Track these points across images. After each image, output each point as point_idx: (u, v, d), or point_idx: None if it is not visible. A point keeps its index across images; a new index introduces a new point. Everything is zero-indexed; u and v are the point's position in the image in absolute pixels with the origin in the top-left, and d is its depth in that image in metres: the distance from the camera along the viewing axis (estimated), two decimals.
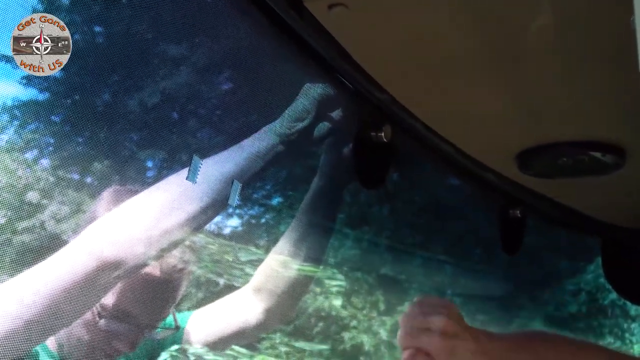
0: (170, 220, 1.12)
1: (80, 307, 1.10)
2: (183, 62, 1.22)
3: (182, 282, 1.32)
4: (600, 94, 1.26)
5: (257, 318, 1.54)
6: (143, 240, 1.11)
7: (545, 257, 3.69)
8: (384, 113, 1.36)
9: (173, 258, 1.26)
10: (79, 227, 1.24)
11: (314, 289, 3.06)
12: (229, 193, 1.15)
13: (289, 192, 2.50)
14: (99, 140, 1.15)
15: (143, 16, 1.09)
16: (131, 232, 1.12)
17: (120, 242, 1.10)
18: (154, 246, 1.12)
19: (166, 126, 1.25)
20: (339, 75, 1.26)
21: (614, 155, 1.43)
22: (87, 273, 1.06)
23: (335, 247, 3.25)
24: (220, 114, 1.32)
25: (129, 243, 1.11)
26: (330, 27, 1.10)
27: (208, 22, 1.16)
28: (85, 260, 1.07)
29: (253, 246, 1.71)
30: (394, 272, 3.60)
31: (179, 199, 1.12)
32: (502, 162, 1.56)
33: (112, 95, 1.16)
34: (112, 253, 1.08)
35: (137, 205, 1.16)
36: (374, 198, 2.48)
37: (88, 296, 1.08)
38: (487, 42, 1.12)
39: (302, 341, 3.12)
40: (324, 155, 1.46)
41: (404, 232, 3.18)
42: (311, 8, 1.05)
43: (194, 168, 1.01)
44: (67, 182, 1.27)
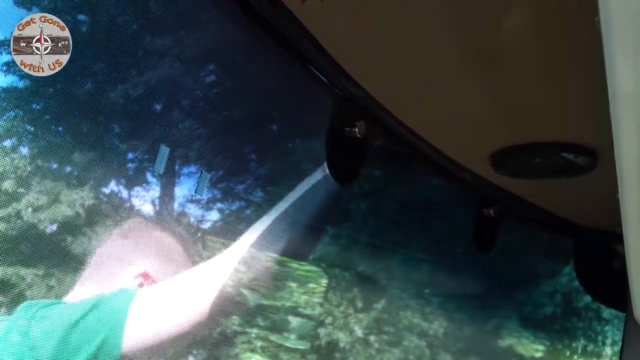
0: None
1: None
2: (154, 51, 1.21)
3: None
4: (573, 96, 1.26)
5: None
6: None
7: (524, 258, 3.70)
8: (358, 108, 1.35)
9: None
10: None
11: (290, 284, 3.05)
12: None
13: (269, 187, 2.51)
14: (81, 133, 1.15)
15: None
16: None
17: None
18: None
19: (135, 115, 1.24)
20: (313, 69, 1.25)
21: (586, 157, 1.44)
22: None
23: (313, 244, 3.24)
24: (191, 104, 1.31)
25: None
26: (305, 19, 1.09)
27: (182, 11, 1.15)
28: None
29: (231, 240, 1.70)
30: (372, 269, 3.60)
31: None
32: (476, 161, 1.56)
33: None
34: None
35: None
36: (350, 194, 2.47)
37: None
38: (463, 41, 1.12)
39: (278, 335, 3.11)
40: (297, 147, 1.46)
41: (382, 229, 3.17)
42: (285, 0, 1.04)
43: (160, 158, 1.00)
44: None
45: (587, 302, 4.25)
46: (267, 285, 1.58)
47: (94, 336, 1.20)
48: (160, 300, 1.29)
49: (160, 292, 1.33)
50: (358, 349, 3.84)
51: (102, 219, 1.41)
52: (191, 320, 1.28)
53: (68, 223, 1.40)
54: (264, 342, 3.28)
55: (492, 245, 1.87)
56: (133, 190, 1.64)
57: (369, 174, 1.57)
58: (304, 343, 3.24)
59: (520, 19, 1.05)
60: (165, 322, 1.26)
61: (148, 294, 1.29)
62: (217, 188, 1.38)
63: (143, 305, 1.25)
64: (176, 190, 1.56)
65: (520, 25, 1.06)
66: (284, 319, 3.24)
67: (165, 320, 1.26)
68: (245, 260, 1.57)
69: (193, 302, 1.30)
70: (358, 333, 3.82)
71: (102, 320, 1.23)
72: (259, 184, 3.21)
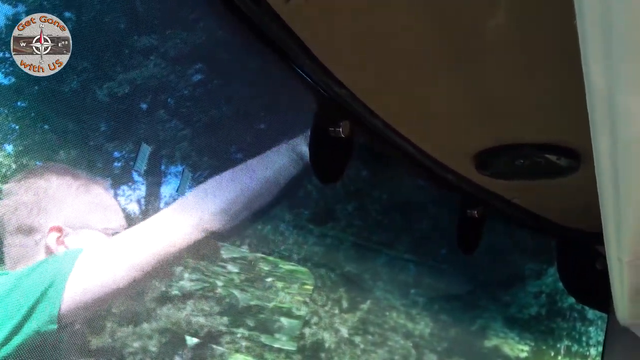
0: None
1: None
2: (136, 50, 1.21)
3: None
4: (557, 98, 1.27)
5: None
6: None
7: (509, 259, 3.72)
8: (342, 108, 1.36)
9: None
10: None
11: (276, 283, 3.05)
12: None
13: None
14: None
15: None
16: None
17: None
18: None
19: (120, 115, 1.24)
20: (297, 68, 1.25)
21: (570, 158, 1.45)
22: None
23: (299, 243, 3.25)
24: (175, 102, 1.31)
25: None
26: (289, 19, 1.10)
27: (167, 10, 1.15)
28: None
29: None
30: (358, 269, 3.61)
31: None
32: (460, 161, 1.57)
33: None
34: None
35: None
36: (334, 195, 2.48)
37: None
38: (446, 40, 1.13)
39: (263, 335, 3.11)
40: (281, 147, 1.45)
41: (367, 230, 3.18)
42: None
43: (142, 156, 1.00)
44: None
45: (571, 302, 4.28)
46: (253, 285, 1.57)
47: (29, 297, 1.20)
48: (98, 260, 1.29)
49: (98, 252, 1.33)
50: (343, 349, 3.85)
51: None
52: (125, 278, 1.28)
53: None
54: (249, 342, 3.28)
55: (475, 246, 1.88)
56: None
57: (353, 175, 1.57)
58: (289, 343, 3.24)
59: (503, 20, 1.06)
60: (101, 281, 1.25)
61: (86, 255, 1.28)
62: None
63: (81, 265, 1.24)
64: (160, 188, 1.56)
65: (503, 26, 1.06)
66: (270, 318, 3.24)
67: (102, 279, 1.26)
68: (228, 259, 1.56)
69: (129, 260, 1.29)
70: (344, 333, 3.83)
71: (37, 282, 1.23)
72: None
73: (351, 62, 1.23)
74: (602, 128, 0.61)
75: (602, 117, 0.59)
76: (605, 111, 0.57)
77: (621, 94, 0.54)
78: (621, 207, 0.82)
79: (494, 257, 3.08)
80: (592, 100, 0.60)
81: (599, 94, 0.56)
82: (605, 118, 0.58)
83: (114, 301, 1.38)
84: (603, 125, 0.60)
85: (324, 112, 1.36)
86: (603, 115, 0.58)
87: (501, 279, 4.08)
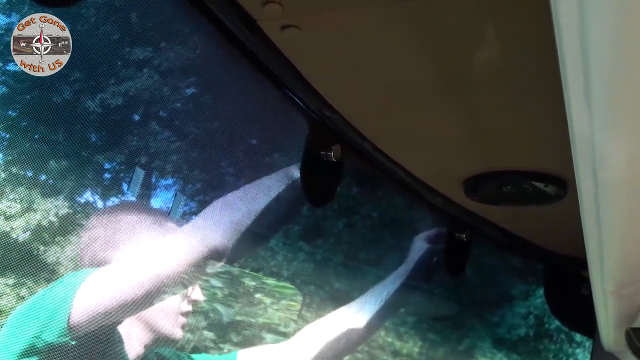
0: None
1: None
2: (135, 70, 1.22)
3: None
4: (544, 126, 1.29)
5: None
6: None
7: (498, 280, 3.73)
8: (334, 133, 1.37)
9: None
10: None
11: (264, 299, 3.05)
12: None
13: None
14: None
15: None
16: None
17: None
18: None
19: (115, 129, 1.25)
20: (290, 93, 1.27)
21: (556, 186, 1.47)
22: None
23: (288, 260, 3.25)
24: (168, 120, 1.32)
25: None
26: (283, 47, 1.11)
27: (163, 34, 1.17)
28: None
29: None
30: (346, 287, 3.61)
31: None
32: (449, 186, 1.59)
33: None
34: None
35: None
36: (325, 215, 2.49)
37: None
38: (437, 69, 1.15)
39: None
40: (273, 170, 1.46)
41: (356, 249, 3.19)
42: (264, 27, 1.06)
43: (135, 179, 1.01)
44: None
45: (559, 324, 4.29)
46: (241, 301, 1.57)
47: (40, 313, 1.23)
48: (106, 279, 1.32)
49: (107, 272, 1.35)
50: None
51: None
52: (133, 296, 1.30)
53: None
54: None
55: (462, 269, 1.89)
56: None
57: (343, 196, 1.58)
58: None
59: (494, 52, 1.08)
60: (110, 299, 1.28)
61: (95, 275, 1.31)
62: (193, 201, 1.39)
63: (89, 285, 1.27)
64: (152, 210, 1.57)
65: (492, 57, 1.08)
66: (258, 335, 3.23)
67: (111, 297, 1.29)
68: (218, 274, 1.57)
69: (135, 281, 1.31)
70: None
71: (48, 299, 1.27)
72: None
73: (343, 88, 1.24)
74: (584, 169, 0.63)
75: (584, 160, 0.61)
76: (588, 154, 0.59)
77: (601, 140, 0.55)
78: (604, 242, 0.84)
79: (483, 278, 3.09)
80: (575, 143, 0.62)
81: (581, 137, 0.58)
82: (588, 161, 0.60)
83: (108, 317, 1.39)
84: (585, 167, 0.62)
85: (315, 136, 1.38)
86: (585, 158, 0.60)
87: (490, 299, 4.09)
